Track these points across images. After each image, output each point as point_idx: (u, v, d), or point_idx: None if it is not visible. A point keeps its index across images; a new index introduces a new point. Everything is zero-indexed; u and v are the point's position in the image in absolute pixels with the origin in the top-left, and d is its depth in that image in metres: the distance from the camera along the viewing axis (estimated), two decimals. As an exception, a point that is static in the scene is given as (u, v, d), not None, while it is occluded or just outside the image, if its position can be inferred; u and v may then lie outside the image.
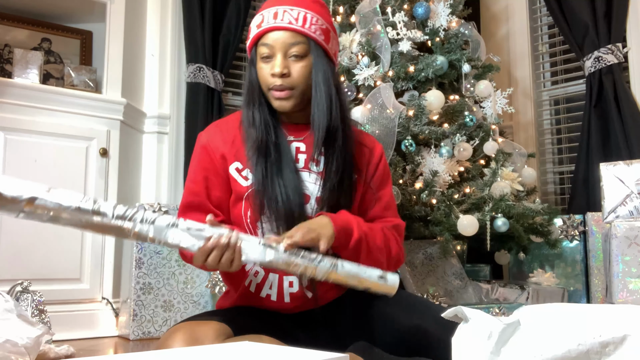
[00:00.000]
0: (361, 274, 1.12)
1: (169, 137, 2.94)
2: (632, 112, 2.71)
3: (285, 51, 1.22)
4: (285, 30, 1.22)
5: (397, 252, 1.32)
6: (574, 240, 2.63)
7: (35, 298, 1.87)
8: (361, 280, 1.12)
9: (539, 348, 0.82)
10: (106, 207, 1.01)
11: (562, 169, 3.26)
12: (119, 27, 2.74)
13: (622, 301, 1.81)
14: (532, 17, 3.38)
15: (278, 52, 1.22)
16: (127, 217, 1.01)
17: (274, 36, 1.22)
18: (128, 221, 1.01)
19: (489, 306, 2.10)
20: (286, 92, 1.23)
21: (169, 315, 2.40)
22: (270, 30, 1.22)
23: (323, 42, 1.25)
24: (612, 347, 0.80)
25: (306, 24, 1.22)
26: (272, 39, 1.22)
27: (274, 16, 1.22)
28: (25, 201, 0.96)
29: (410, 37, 2.39)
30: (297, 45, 1.22)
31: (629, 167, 1.92)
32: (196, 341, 1.08)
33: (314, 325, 1.32)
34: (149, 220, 1.02)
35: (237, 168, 1.27)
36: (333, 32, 1.30)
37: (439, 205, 2.14)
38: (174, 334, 1.11)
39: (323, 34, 1.25)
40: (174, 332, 1.12)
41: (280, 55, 1.22)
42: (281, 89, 1.22)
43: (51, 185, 1.05)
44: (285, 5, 1.23)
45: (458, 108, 2.37)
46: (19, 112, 2.39)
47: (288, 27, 1.21)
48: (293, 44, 1.22)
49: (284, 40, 1.22)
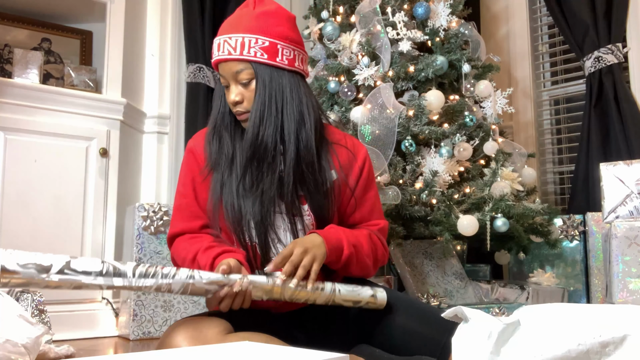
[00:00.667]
0: (355, 297, 1.22)
1: (169, 137, 2.94)
2: (632, 112, 2.71)
3: (235, 79, 1.28)
4: (227, 61, 1.27)
5: (382, 253, 1.38)
6: (574, 240, 2.63)
7: (35, 298, 1.87)
8: (356, 302, 1.23)
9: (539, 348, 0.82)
10: (126, 269, 1.06)
11: (562, 169, 3.26)
12: (119, 27, 2.74)
13: (622, 301, 1.81)
14: (532, 17, 3.38)
15: (230, 80, 1.29)
16: (149, 275, 1.07)
17: (223, 67, 1.29)
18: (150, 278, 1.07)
19: (489, 306, 2.10)
20: (244, 115, 1.29)
21: (169, 315, 2.40)
22: (218, 62, 1.29)
23: (267, 60, 1.26)
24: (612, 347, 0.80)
25: (244, 50, 1.25)
26: (222, 69, 1.29)
27: (218, 48, 1.28)
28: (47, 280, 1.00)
29: (410, 37, 2.39)
30: (242, 72, 1.26)
31: (629, 167, 1.92)
32: (199, 335, 1.10)
33: (310, 326, 1.32)
34: (170, 275, 1.08)
35: None
36: (282, 41, 1.29)
37: (439, 205, 2.14)
38: (177, 328, 1.12)
39: (266, 52, 1.26)
40: (177, 327, 1.13)
41: (232, 84, 1.28)
42: (239, 113, 1.30)
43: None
44: (225, 35, 1.28)
45: (458, 108, 2.37)
46: (19, 112, 2.39)
47: (228, 58, 1.26)
48: (238, 71, 1.26)
49: (229, 70, 1.27)
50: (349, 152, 1.39)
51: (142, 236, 2.42)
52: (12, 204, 2.32)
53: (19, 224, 2.33)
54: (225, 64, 1.27)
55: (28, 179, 2.36)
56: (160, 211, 2.46)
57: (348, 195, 1.37)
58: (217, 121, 1.34)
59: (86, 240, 2.49)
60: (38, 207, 2.37)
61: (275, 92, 1.27)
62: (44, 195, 2.39)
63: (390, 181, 2.17)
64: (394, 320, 1.25)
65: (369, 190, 1.41)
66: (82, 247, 2.47)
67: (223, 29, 1.30)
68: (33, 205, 2.36)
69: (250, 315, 1.26)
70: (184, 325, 1.13)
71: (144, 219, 2.43)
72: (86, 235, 2.49)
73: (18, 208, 2.33)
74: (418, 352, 1.20)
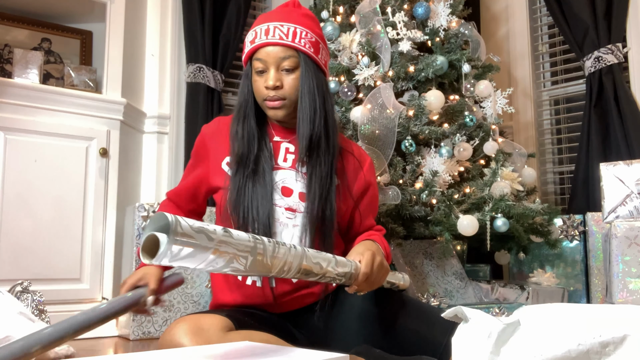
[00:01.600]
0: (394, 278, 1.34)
1: (169, 137, 2.94)
2: (632, 112, 2.71)
3: (277, 65, 1.30)
4: (276, 46, 1.30)
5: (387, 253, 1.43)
6: (574, 240, 2.63)
7: (35, 298, 1.87)
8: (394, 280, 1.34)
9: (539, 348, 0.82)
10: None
11: (562, 169, 3.26)
12: (119, 27, 2.74)
13: (622, 301, 1.81)
14: (532, 17, 3.38)
15: (271, 66, 1.30)
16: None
17: (266, 51, 1.30)
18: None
19: (489, 306, 2.10)
20: (279, 102, 1.31)
21: (169, 315, 2.40)
22: (263, 45, 1.31)
23: (313, 54, 1.33)
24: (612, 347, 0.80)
25: (296, 39, 1.31)
26: (264, 53, 1.31)
27: (265, 32, 1.31)
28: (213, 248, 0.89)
29: (410, 37, 2.39)
30: (288, 59, 1.30)
31: (629, 167, 1.92)
32: (201, 332, 1.10)
33: (310, 326, 1.33)
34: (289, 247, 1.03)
35: (227, 162, 1.35)
36: (322, 43, 1.38)
37: (439, 205, 2.14)
38: (178, 325, 1.13)
39: (312, 46, 1.33)
40: (179, 323, 1.13)
41: (273, 69, 1.30)
42: (274, 99, 1.31)
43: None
44: (276, 22, 1.31)
45: (458, 108, 2.37)
46: (19, 112, 2.39)
47: (279, 42, 1.30)
48: (284, 57, 1.30)
49: (275, 55, 1.30)
50: (356, 161, 1.44)
51: (142, 236, 2.41)
52: (12, 204, 2.32)
53: (19, 224, 2.33)
54: (272, 48, 1.30)
55: (28, 179, 2.36)
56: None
57: (349, 202, 1.39)
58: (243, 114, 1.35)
59: (86, 240, 2.49)
60: (38, 207, 2.37)
61: (316, 85, 1.32)
62: (44, 195, 2.39)
63: (390, 181, 2.17)
64: (394, 320, 1.26)
65: (374, 199, 1.47)
66: (82, 247, 2.47)
67: (270, 18, 1.33)
68: (33, 205, 2.36)
69: (251, 315, 1.27)
70: (185, 321, 1.13)
71: (144, 219, 2.43)
72: (86, 235, 2.49)
73: (18, 208, 2.33)
74: (418, 352, 1.20)
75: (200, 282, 2.48)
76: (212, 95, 2.93)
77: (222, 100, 2.99)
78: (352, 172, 1.41)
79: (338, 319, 1.32)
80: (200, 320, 1.13)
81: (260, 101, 1.34)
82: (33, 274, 2.30)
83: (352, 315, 1.31)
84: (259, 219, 1.27)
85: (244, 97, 1.35)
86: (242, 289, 1.31)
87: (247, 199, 1.28)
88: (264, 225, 1.27)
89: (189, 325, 1.12)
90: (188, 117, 2.90)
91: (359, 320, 1.29)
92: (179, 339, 1.10)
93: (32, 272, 2.31)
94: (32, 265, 2.33)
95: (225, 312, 1.22)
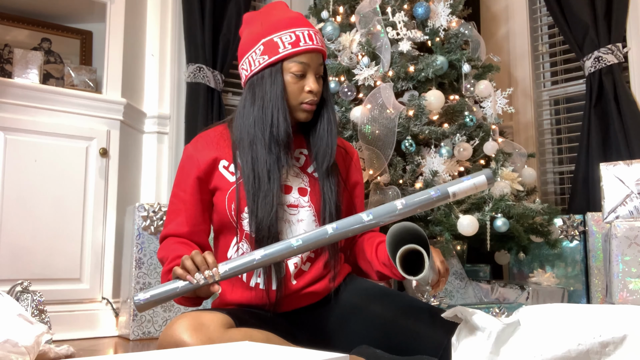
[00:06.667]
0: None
1: (169, 137, 2.94)
2: (632, 112, 2.71)
3: (316, 71, 1.34)
4: (318, 52, 1.34)
5: None
6: (574, 240, 2.63)
7: (35, 298, 1.87)
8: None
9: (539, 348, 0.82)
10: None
11: (562, 169, 3.26)
12: (119, 27, 2.74)
13: (622, 301, 1.81)
14: (532, 17, 3.38)
15: (312, 71, 1.33)
16: None
17: (310, 56, 1.32)
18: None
19: (489, 306, 2.10)
20: (315, 106, 1.35)
21: (169, 315, 2.40)
22: (308, 51, 1.32)
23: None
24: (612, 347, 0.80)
25: (324, 46, 1.37)
26: (308, 58, 1.32)
27: (309, 37, 1.33)
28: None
29: (410, 37, 2.39)
30: (321, 66, 1.36)
31: (629, 167, 1.92)
32: (201, 327, 1.10)
33: (311, 325, 1.33)
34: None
35: (224, 166, 1.35)
36: None
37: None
38: (179, 320, 1.13)
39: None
40: (179, 319, 1.14)
41: (312, 74, 1.33)
42: (312, 103, 1.34)
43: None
44: (310, 28, 1.35)
45: (458, 108, 2.37)
46: (19, 112, 2.39)
47: (321, 49, 1.34)
48: (320, 64, 1.35)
49: (317, 61, 1.34)
50: (346, 153, 1.49)
51: (142, 236, 2.42)
52: (12, 204, 2.32)
53: (19, 224, 2.33)
54: (316, 54, 1.33)
55: (28, 179, 2.36)
56: (160, 211, 2.46)
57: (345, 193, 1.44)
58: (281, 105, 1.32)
59: (86, 240, 2.48)
60: (38, 207, 2.37)
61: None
62: (44, 195, 2.39)
63: (390, 181, 2.17)
64: (394, 320, 1.26)
65: (362, 193, 1.52)
66: (82, 247, 2.47)
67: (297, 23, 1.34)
68: (33, 205, 2.36)
69: (252, 314, 1.27)
70: (186, 317, 1.14)
71: (144, 219, 2.43)
72: (86, 235, 2.49)
73: (18, 208, 2.33)
74: (418, 352, 1.20)
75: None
76: (212, 95, 2.93)
77: (222, 100, 2.99)
78: (342, 163, 1.46)
79: (338, 319, 1.32)
80: (200, 317, 1.14)
81: (296, 104, 1.33)
82: (33, 274, 2.30)
83: (352, 315, 1.31)
84: (264, 220, 1.27)
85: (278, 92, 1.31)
86: (246, 290, 1.31)
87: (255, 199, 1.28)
88: (269, 226, 1.27)
89: (190, 321, 1.12)
90: (188, 117, 2.90)
91: (359, 320, 1.30)
92: (180, 334, 1.10)
93: (32, 272, 2.31)
94: (32, 265, 2.33)
95: (226, 310, 1.23)
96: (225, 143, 1.37)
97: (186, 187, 1.35)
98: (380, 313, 1.28)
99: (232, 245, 1.33)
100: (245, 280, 1.31)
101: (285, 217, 1.32)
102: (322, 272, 1.34)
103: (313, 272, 1.33)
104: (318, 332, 1.32)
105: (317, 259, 1.34)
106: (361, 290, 1.36)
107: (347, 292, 1.36)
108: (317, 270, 1.33)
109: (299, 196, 1.35)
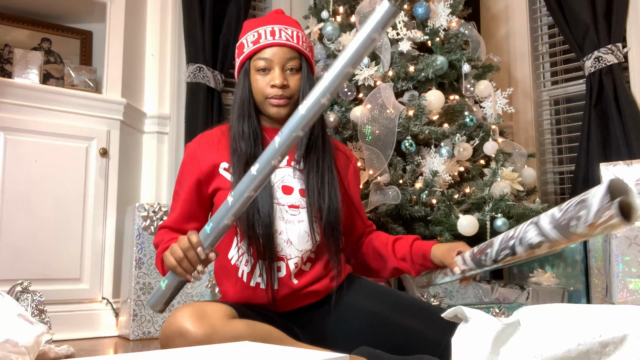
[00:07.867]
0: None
1: (169, 137, 2.94)
2: (632, 112, 2.71)
3: (282, 65, 1.34)
4: (283, 46, 1.34)
5: None
6: (574, 240, 2.63)
7: (35, 298, 1.87)
8: None
9: (539, 348, 0.82)
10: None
11: (562, 169, 3.25)
12: (119, 27, 2.74)
13: (622, 301, 1.81)
14: (532, 17, 3.37)
15: (276, 65, 1.34)
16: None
17: (272, 51, 1.34)
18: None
19: (489, 306, 2.10)
20: (284, 100, 1.35)
21: (168, 315, 2.40)
22: (269, 45, 1.35)
23: (310, 57, 1.40)
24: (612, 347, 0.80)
25: (299, 42, 1.37)
26: (270, 53, 1.34)
27: (271, 33, 1.35)
28: None
29: (410, 37, 2.39)
30: (293, 60, 1.35)
31: (629, 167, 1.92)
32: (205, 316, 1.11)
33: (311, 325, 1.33)
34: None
35: (224, 168, 1.36)
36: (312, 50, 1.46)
37: (439, 205, 2.14)
38: (183, 309, 1.14)
39: (310, 51, 1.41)
40: (183, 308, 1.15)
41: (278, 69, 1.34)
42: (280, 98, 1.34)
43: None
44: (279, 24, 1.37)
45: (458, 108, 2.37)
46: (19, 112, 2.39)
47: (286, 43, 1.35)
48: (290, 58, 1.35)
49: (282, 55, 1.34)
50: (346, 157, 1.50)
51: (142, 236, 2.42)
52: (12, 204, 2.32)
53: (19, 223, 2.33)
54: (279, 48, 1.34)
55: (28, 179, 2.36)
56: (160, 211, 2.46)
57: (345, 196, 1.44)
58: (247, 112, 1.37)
59: (86, 240, 2.48)
60: (38, 207, 2.37)
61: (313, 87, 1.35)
62: (44, 195, 2.39)
63: (390, 181, 2.17)
64: (394, 320, 1.26)
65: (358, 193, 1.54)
66: (82, 247, 2.47)
67: (270, 20, 1.38)
68: (33, 205, 2.36)
69: (253, 311, 1.28)
70: (189, 307, 1.15)
71: (144, 219, 2.43)
72: (86, 235, 2.49)
73: (18, 208, 2.33)
74: (418, 352, 1.20)
75: (200, 282, 2.48)
76: (212, 95, 2.93)
77: (222, 100, 2.99)
78: (343, 165, 1.47)
79: (339, 318, 1.33)
80: (204, 306, 1.15)
81: (262, 99, 1.35)
82: (33, 274, 2.30)
83: (352, 315, 1.31)
84: (260, 219, 1.28)
85: (245, 95, 1.37)
86: (246, 290, 1.32)
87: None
88: (266, 225, 1.28)
89: (193, 309, 1.13)
90: (188, 117, 2.90)
91: (359, 320, 1.30)
92: (183, 322, 1.11)
93: (32, 272, 2.31)
94: (32, 265, 2.33)
95: (229, 303, 1.24)
96: (226, 143, 1.38)
97: (185, 185, 1.38)
98: (380, 313, 1.28)
99: (234, 246, 1.34)
100: (246, 280, 1.32)
101: (286, 217, 1.32)
102: (323, 272, 1.34)
103: (313, 272, 1.33)
104: (318, 331, 1.32)
105: (317, 259, 1.35)
106: (362, 289, 1.37)
107: (347, 291, 1.37)
108: (317, 270, 1.34)
109: (300, 197, 1.35)
